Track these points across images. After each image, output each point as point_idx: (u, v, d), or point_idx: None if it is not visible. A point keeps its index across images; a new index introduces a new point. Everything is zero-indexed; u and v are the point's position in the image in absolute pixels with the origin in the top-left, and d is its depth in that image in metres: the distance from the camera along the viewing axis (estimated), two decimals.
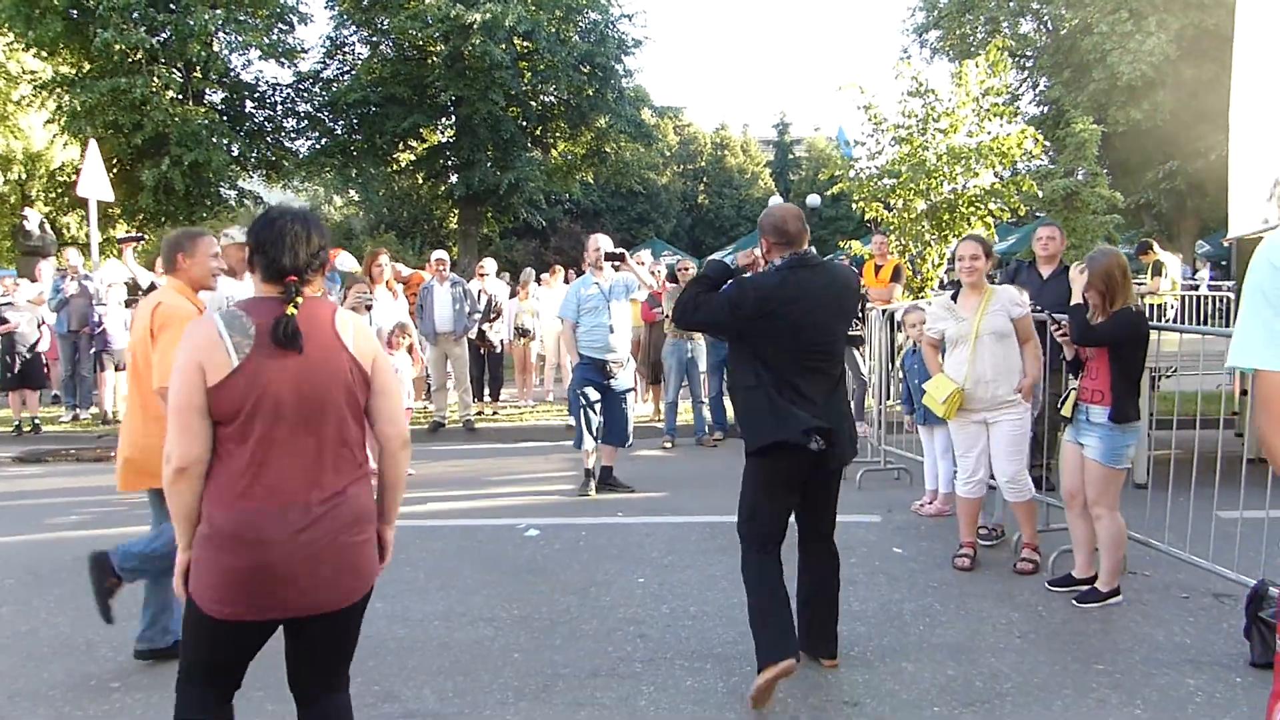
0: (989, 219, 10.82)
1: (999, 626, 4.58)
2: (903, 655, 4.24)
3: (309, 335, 2.48)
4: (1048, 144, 12.89)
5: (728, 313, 3.90)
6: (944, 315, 5.42)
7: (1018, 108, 16.73)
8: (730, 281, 4.04)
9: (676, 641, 4.41)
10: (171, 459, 2.42)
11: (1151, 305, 11.39)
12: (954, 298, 5.46)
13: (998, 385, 5.19)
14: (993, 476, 5.46)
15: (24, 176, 28.12)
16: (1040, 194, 12.75)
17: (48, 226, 18.83)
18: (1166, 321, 10.85)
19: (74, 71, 22.88)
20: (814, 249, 4.17)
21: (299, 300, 2.50)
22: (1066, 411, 4.85)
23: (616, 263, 7.21)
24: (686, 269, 9.99)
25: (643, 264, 9.85)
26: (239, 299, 4.38)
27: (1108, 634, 4.48)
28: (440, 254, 11.05)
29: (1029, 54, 25.30)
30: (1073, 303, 4.82)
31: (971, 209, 10.88)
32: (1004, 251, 19.55)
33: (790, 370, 3.87)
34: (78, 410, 11.65)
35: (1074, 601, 4.84)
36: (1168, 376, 8.09)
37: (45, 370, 11.50)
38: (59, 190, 26.09)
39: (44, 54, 22.97)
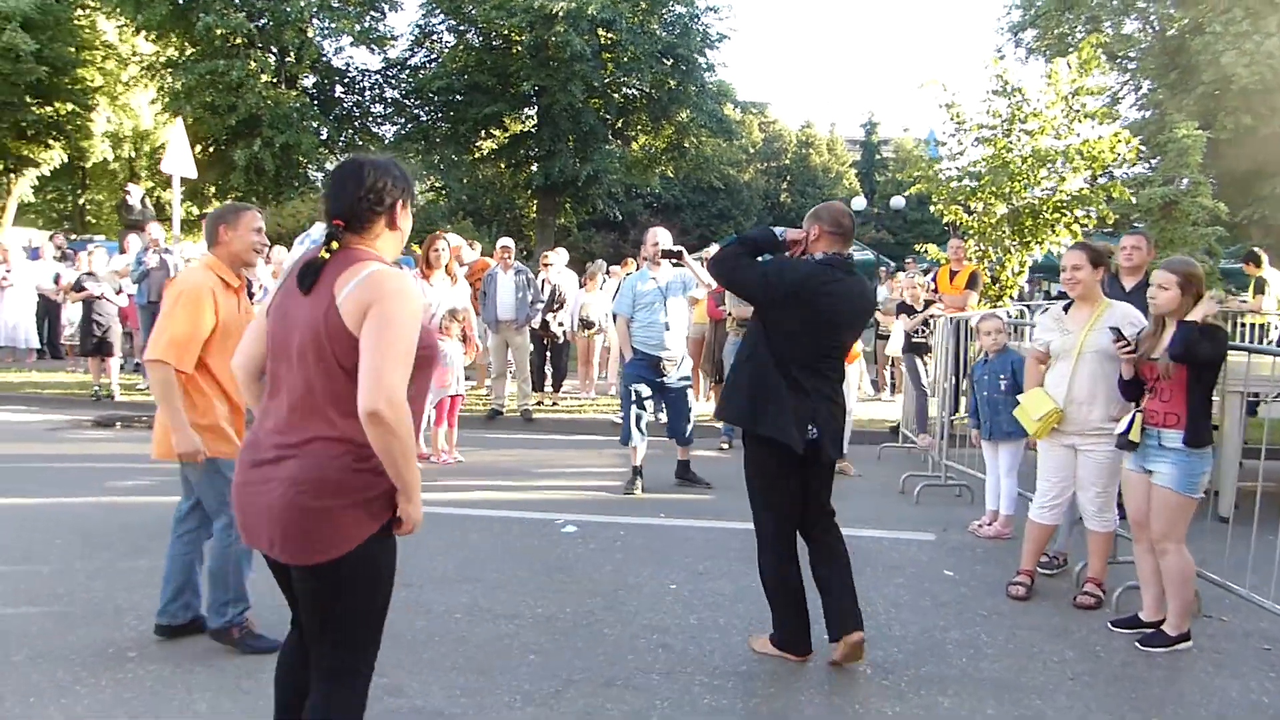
0: (1075, 226, 10.29)
1: (1050, 664, 4.25)
2: (940, 688, 3.96)
3: (324, 282, 2.41)
4: (1143, 149, 12.23)
5: (760, 286, 4.01)
6: (1051, 326, 5.04)
7: (1117, 111, 15.94)
8: (772, 257, 4.13)
9: (700, 654, 4.20)
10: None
11: (1253, 325, 10.76)
12: (1066, 309, 5.07)
13: (1092, 409, 4.80)
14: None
15: (133, 154, 29.22)
16: (1135, 201, 12.10)
17: (148, 201, 19.48)
18: (1270, 343, 10.22)
19: (178, 54, 23.59)
20: (853, 255, 4.21)
21: (334, 245, 2.45)
22: (1135, 436, 4.49)
23: (674, 260, 7.03)
24: None
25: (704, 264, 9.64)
26: None
27: (1173, 683, 4.11)
28: (506, 241, 10.99)
29: (1132, 55, 24.20)
30: (1184, 318, 4.38)
31: (1057, 215, 10.37)
32: None
33: (797, 362, 3.97)
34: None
35: (1136, 644, 4.47)
36: (1268, 402, 7.54)
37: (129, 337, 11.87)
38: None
39: (153, 37, 23.73)
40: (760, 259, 4.12)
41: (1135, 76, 24.47)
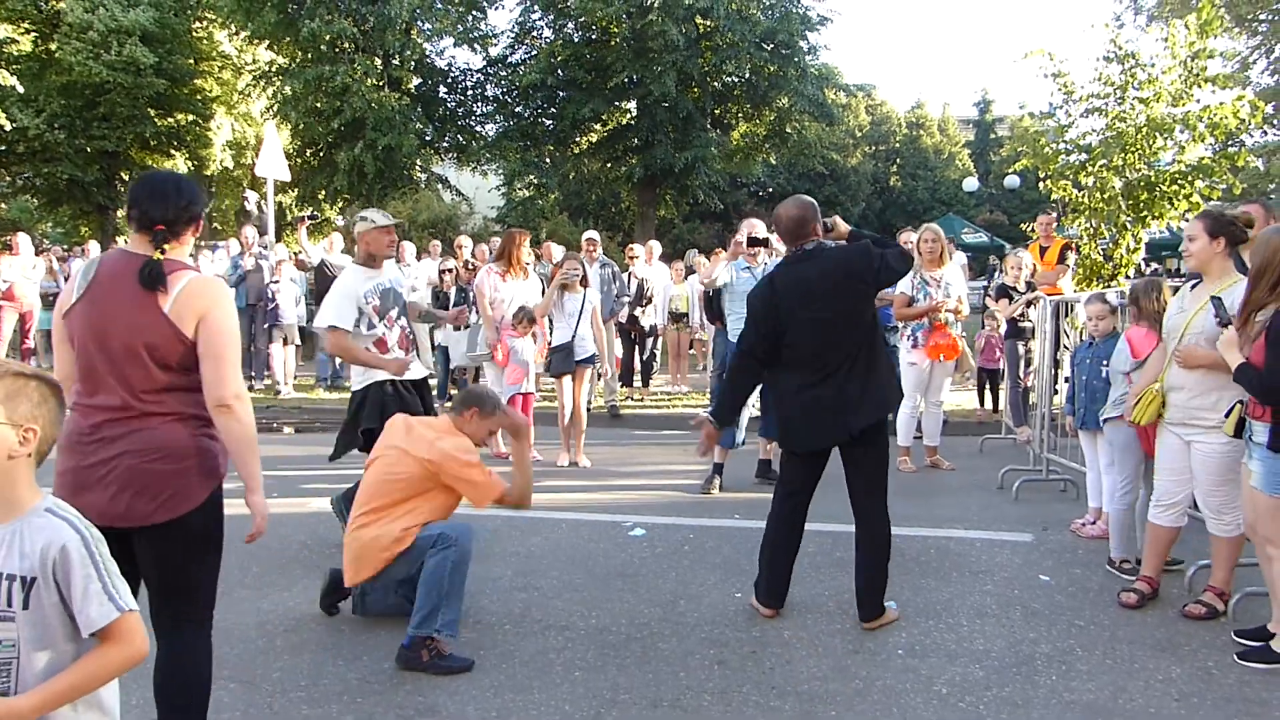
0: (1196, 199, 9.49)
1: (1154, 684, 3.80)
2: (1024, 711, 3.57)
3: (122, 285, 2.72)
4: (1269, 111, 11.25)
5: (756, 332, 4.45)
6: (1176, 303, 4.56)
7: (1246, 76, 14.77)
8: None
9: (757, 673, 3.90)
10: None
11: None
12: (1193, 286, 4.51)
13: (1193, 397, 4.30)
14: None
15: (254, 160, 30.31)
16: (1264, 170, 11.17)
17: (264, 205, 20.15)
18: None
19: (288, 61, 24.28)
20: (824, 241, 4.45)
21: (165, 248, 2.77)
22: (1230, 429, 3.98)
23: (760, 248, 6.73)
24: None
25: None
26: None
27: None
28: (591, 234, 10.82)
29: (1263, 18, 22.46)
30: (1234, 368, 3.91)
31: (1175, 188, 9.59)
32: None
33: (806, 356, 4.31)
34: (252, 380, 12.20)
35: (1235, 658, 3.98)
36: None
37: None
38: None
39: (266, 45, 24.49)
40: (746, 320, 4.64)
41: (1267, 40, 22.70)
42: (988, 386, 9.97)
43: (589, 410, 10.15)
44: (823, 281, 4.28)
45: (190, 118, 26.00)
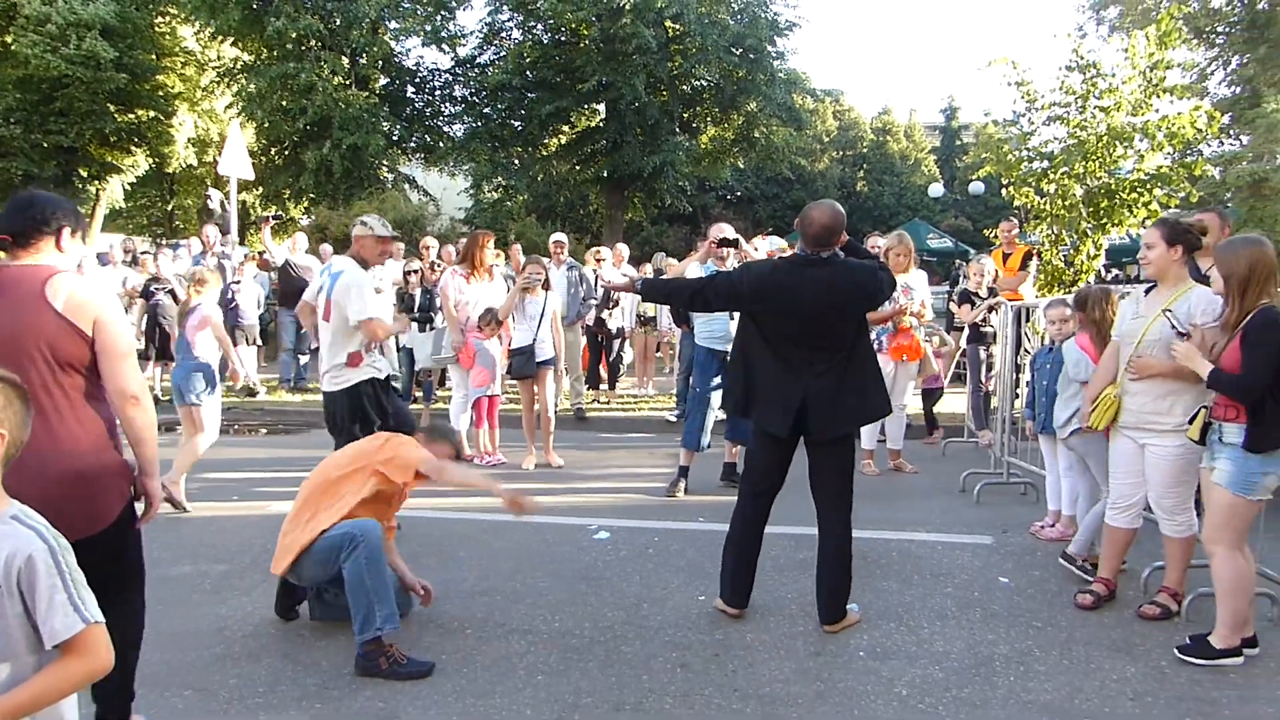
0: (1154, 206, 9.64)
1: (1109, 684, 3.86)
2: (983, 712, 3.61)
3: (9, 290, 2.84)
4: (1225, 121, 11.45)
5: (729, 292, 4.47)
6: (1128, 309, 4.64)
7: (1204, 87, 15.03)
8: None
9: (720, 675, 3.90)
10: None
11: None
12: (1147, 291, 4.59)
13: (1148, 402, 4.37)
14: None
15: (217, 158, 29.91)
16: (1221, 179, 11.36)
17: (227, 204, 19.90)
18: None
19: (253, 58, 24.00)
20: (839, 251, 4.43)
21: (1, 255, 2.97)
22: (1194, 434, 4.06)
23: (730, 249, 6.75)
24: None
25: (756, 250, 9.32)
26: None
27: (1248, 703, 3.69)
28: (559, 236, 10.81)
29: (1220, 30, 22.88)
30: (1205, 376, 3.99)
31: (1135, 195, 9.74)
32: None
33: (784, 348, 4.35)
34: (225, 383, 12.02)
35: (1176, 652, 4.06)
36: None
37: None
38: None
39: (231, 42, 24.18)
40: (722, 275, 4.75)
41: (1224, 51, 23.15)
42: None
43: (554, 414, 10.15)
44: (832, 293, 4.29)
45: (152, 114, 25.63)
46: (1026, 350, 7.59)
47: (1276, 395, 3.82)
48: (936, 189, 32.88)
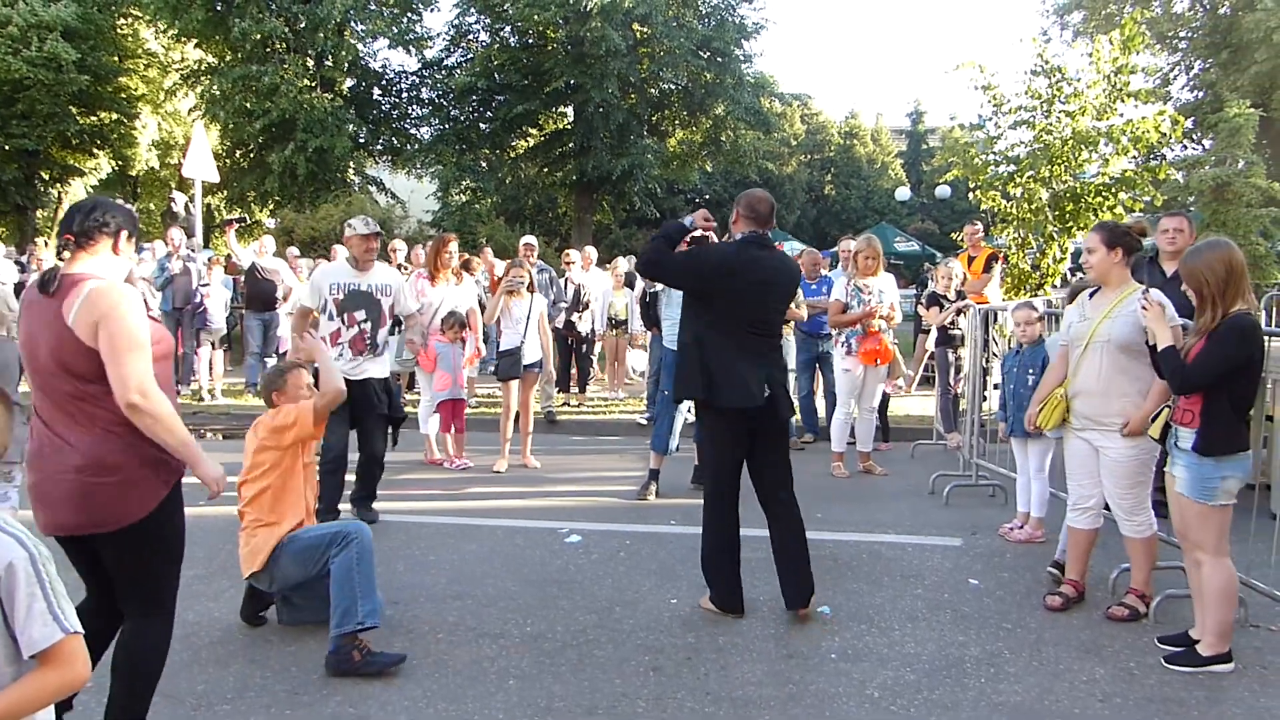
0: (1119, 210, 9.76)
1: (1078, 685, 3.89)
2: (953, 713, 3.62)
3: (48, 302, 2.91)
4: (1189, 126, 11.63)
5: (685, 270, 4.56)
6: (1073, 312, 4.71)
7: (1166, 92, 15.25)
8: (692, 244, 4.75)
9: (692, 679, 3.89)
10: None
11: None
12: (1092, 295, 4.68)
13: (1104, 402, 4.43)
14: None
15: (181, 161, 29.51)
16: (1185, 183, 11.52)
17: (192, 207, 19.63)
18: None
19: (217, 60, 23.71)
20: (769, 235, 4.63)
21: (64, 256, 3.05)
22: (1155, 433, 4.10)
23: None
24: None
25: None
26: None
27: (1215, 704, 3.73)
28: (529, 239, 10.76)
29: (1183, 35, 23.27)
30: (1160, 346, 4.02)
31: (1100, 199, 9.86)
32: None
33: (735, 330, 4.43)
34: (179, 387, 11.86)
35: (1164, 660, 4.09)
36: None
37: None
38: None
39: (194, 43, 23.87)
40: (679, 250, 4.65)
41: (1186, 57, 23.55)
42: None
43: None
44: (779, 276, 4.61)
45: (114, 116, 25.27)
46: (994, 354, 7.66)
47: (1232, 398, 3.86)
48: (903, 193, 33.18)
